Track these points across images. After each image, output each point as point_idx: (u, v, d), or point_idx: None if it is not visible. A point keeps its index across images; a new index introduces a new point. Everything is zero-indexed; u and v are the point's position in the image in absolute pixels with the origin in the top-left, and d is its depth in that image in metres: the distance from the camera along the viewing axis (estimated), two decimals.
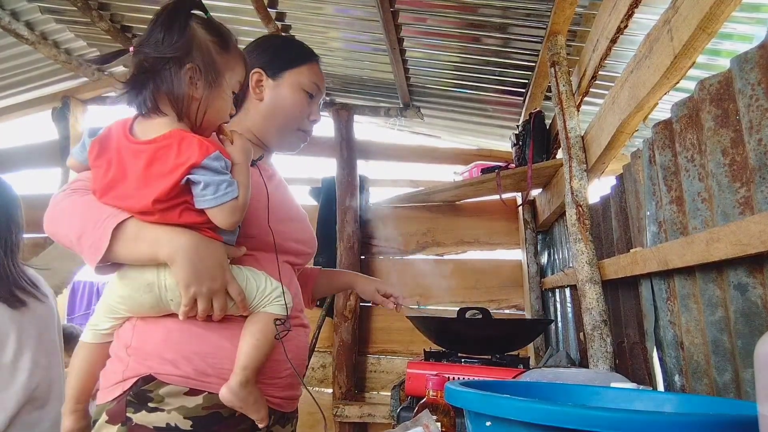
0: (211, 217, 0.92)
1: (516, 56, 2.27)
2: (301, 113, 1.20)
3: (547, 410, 0.55)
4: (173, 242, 0.91)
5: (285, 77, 1.19)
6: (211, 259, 0.93)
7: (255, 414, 1.00)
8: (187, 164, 0.88)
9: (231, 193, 0.91)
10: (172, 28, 0.92)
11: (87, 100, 3.52)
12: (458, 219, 3.12)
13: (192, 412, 0.95)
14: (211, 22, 0.98)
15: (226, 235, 0.99)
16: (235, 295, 0.97)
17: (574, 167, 1.72)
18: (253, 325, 1.00)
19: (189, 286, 0.92)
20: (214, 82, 0.96)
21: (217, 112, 0.99)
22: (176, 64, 0.92)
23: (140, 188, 0.90)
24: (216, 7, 2.38)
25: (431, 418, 0.94)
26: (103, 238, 0.89)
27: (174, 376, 0.96)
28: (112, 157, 0.92)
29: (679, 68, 1.13)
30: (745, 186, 0.90)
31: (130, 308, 0.99)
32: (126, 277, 0.95)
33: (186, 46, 0.93)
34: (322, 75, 1.25)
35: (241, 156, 0.98)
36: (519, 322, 2.33)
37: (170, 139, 0.90)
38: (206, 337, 0.99)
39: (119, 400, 0.94)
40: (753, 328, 0.88)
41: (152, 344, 0.98)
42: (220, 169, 0.91)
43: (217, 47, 0.96)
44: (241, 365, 0.97)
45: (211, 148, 0.90)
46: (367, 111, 3.22)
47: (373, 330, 3.11)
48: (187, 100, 0.94)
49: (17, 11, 2.66)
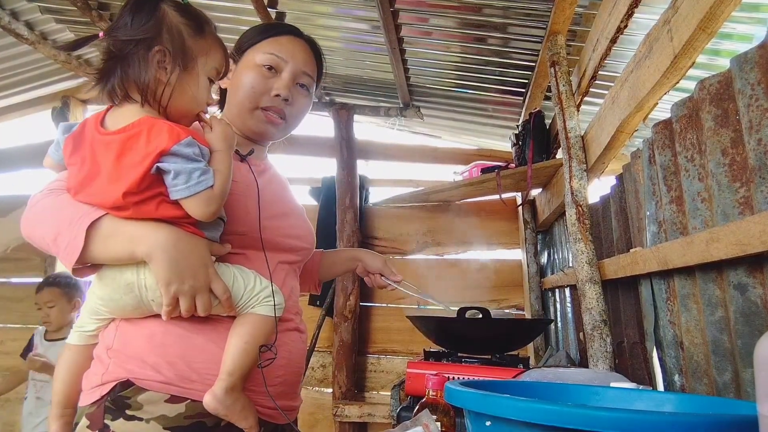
0: (186, 208, 0.86)
1: (516, 56, 2.27)
2: (253, 90, 1.08)
3: (547, 410, 0.55)
4: (150, 238, 0.85)
5: (243, 57, 1.12)
6: (193, 256, 0.88)
7: (243, 422, 0.92)
8: (156, 151, 0.82)
9: (205, 182, 0.85)
10: (141, 10, 0.88)
11: (87, 100, 3.53)
12: (458, 219, 3.12)
13: (173, 422, 0.88)
14: (185, 7, 0.93)
15: (209, 230, 0.93)
16: (220, 294, 0.90)
17: (574, 167, 1.72)
18: (241, 326, 0.94)
19: (170, 284, 0.86)
20: (185, 67, 0.90)
21: (191, 99, 0.93)
22: (144, 47, 0.87)
23: (111, 182, 0.84)
24: (216, 7, 2.38)
25: (431, 417, 0.94)
26: (78, 237, 0.84)
27: (154, 382, 0.90)
28: (85, 152, 0.88)
29: (679, 68, 1.13)
30: (745, 186, 0.90)
31: (111, 310, 0.94)
32: (105, 278, 0.90)
33: (155, 28, 0.88)
34: (293, 47, 1.13)
35: (221, 143, 0.92)
36: (519, 322, 2.32)
37: (139, 127, 0.85)
38: (191, 339, 0.93)
39: (98, 404, 0.89)
40: (753, 328, 0.88)
41: (134, 347, 0.92)
42: (193, 156, 0.85)
43: (189, 30, 0.91)
44: (228, 370, 0.90)
45: (182, 135, 0.84)
46: (367, 111, 3.22)
47: (373, 330, 3.11)
48: (154, 83, 0.88)
49: (17, 11, 2.66)
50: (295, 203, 1.22)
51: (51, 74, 3.29)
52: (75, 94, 3.47)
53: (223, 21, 2.40)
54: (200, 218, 0.88)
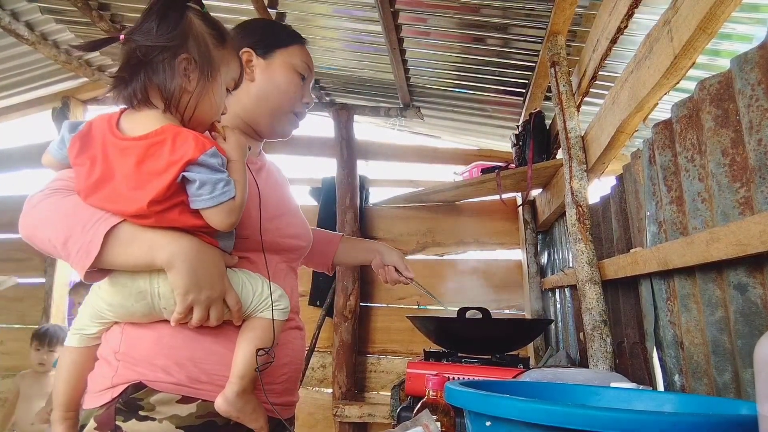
0: (207, 218, 0.87)
1: (516, 56, 2.27)
2: (295, 94, 1.15)
3: (547, 410, 0.55)
4: (171, 246, 0.85)
5: (276, 56, 1.13)
6: (211, 266, 0.88)
7: (254, 423, 0.95)
8: (182, 161, 0.82)
9: (228, 193, 0.86)
10: (168, 16, 0.86)
11: (87, 100, 3.53)
12: (458, 219, 3.12)
13: (185, 422, 0.90)
14: (207, 16, 0.93)
15: (223, 240, 0.93)
16: (233, 305, 0.92)
17: (574, 167, 1.72)
18: (251, 331, 0.95)
19: (187, 294, 0.86)
20: (209, 76, 0.91)
21: (210, 108, 0.93)
22: (170, 54, 0.87)
23: (132, 189, 0.83)
24: (216, 7, 2.38)
25: (431, 417, 0.94)
26: (94, 241, 0.82)
27: (166, 383, 0.91)
28: (96, 154, 0.86)
29: (679, 68, 1.13)
30: (745, 186, 0.90)
31: (119, 315, 0.93)
32: (116, 285, 0.89)
33: (182, 36, 0.87)
34: (311, 58, 1.21)
35: (237, 153, 0.92)
36: (519, 322, 2.32)
37: (163, 135, 0.84)
38: (199, 341, 0.94)
39: (108, 407, 0.90)
40: (753, 328, 0.88)
41: (143, 350, 0.93)
42: (217, 167, 0.85)
43: (214, 40, 0.92)
44: (238, 374, 0.92)
45: (207, 144, 0.85)
46: (367, 111, 3.22)
47: (373, 330, 3.11)
48: (179, 92, 0.88)
49: (17, 11, 2.67)
50: (291, 199, 1.22)
51: (51, 74, 3.29)
52: (75, 95, 3.47)
53: (223, 21, 2.39)
54: (220, 228, 0.88)
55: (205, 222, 0.87)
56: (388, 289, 3.10)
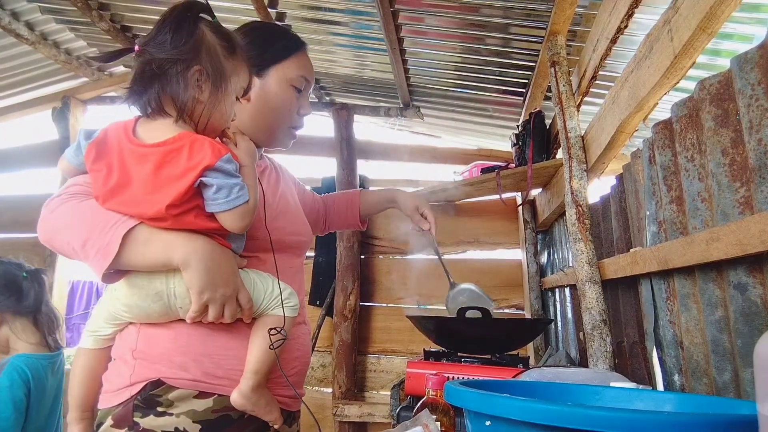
0: (222, 221, 0.91)
1: (516, 56, 2.27)
2: (290, 110, 1.15)
3: (547, 410, 0.55)
4: (187, 246, 0.88)
5: (271, 74, 1.13)
6: (225, 265, 0.92)
7: (268, 416, 1.00)
8: (200, 166, 0.86)
9: (243, 197, 0.90)
10: (181, 29, 0.90)
11: (87, 100, 3.52)
12: (458, 219, 3.12)
13: (201, 416, 0.94)
14: (218, 27, 0.96)
15: (234, 242, 0.97)
16: (245, 303, 0.96)
17: (574, 167, 1.72)
18: (263, 328, 0.98)
19: (202, 292, 0.89)
20: (220, 86, 0.94)
21: (221, 116, 0.97)
22: (184, 66, 0.90)
23: (150, 193, 0.87)
24: (216, 7, 2.37)
25: (431, 417, 0.94)
26: (113, 243, 0.85)
27: (184, 380, 0.95)
28: (112, 160, 0.89)
29: (679, 68, 1.13)
30: (745, 186, 0.90)
31: (135, 316, 0.97)
32: (133, 287, 0.92)
33: (194, 48, 0.91)
34: (310, 63, 1.19)
35: (247, 158, 0.97)
36: (519, 322, 2.32)
37: (180, 142, 0.88)
38: (214, 338, 0.98)
39: (126, 404, 0.93)
40: (753, 328, 0.88)
41: (160, 348, 0.96)
42: (232, 172, 0.89)
43: (225, 51, 0.95)
44: (253, 369, 0.96)
45: (223, 151, 0.89)
46: (367, 111, 3.22)
47: (372, 329, 3.11)
48: (193, 102, 0.92)
49: (17, 11, 2.67)
50: (291, 196, 1.25)
51: (51, 74, 3.30)
52: (75, 94, 3.47)
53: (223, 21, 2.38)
54: (235, 230, 0.93)
55: (219, 224, 0.91)
56: (388, 289, 3.10)
